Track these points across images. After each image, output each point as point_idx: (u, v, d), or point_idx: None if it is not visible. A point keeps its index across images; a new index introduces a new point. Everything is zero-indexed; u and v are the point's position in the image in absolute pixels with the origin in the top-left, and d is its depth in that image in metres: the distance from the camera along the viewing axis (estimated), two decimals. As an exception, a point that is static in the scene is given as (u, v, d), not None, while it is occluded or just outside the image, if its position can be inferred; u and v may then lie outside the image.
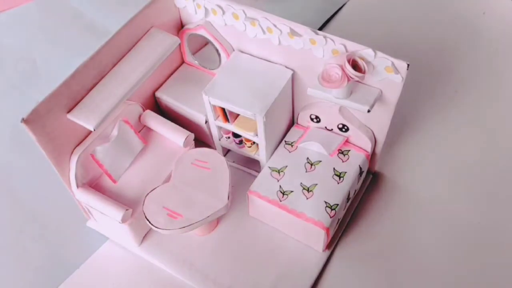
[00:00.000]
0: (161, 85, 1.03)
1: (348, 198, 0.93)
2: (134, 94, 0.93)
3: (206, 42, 0.97)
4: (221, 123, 0.95)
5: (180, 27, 0.99)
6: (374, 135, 0.94)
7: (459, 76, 1.23)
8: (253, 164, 1.05)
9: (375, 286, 0.90)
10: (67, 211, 1.01)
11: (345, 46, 0.79)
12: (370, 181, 1.04)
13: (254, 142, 0.97)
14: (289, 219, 0.89)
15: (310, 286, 0.90)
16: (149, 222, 0.85)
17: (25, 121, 0.73)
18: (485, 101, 1.17)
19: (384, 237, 0.96)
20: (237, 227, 0.97)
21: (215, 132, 1.00)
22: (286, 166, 0.94)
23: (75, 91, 0.80)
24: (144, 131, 0.99)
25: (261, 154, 0.98)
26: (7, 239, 1.00)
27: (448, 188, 1.03)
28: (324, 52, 0.82)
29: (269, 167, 0.95)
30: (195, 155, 0.94)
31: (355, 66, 0.79)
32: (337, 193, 0.90)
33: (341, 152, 0.96)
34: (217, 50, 0.96)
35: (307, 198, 0.89)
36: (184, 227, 0.84)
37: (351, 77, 0.79)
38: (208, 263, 0.93)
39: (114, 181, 0.92)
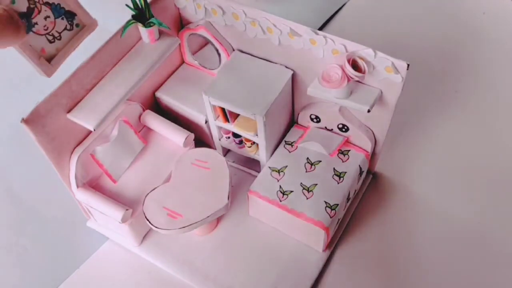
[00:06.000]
0: (161, 85, 1.03)
1: (348, 198, 0.93)
2: (134, 94, 0.93)
3: (206, 42, 0.97)
4: (221, 123, 0.95)
5: (180, 27, 0.99)
6: (374, 135, 0.94)
7: (459, 76, 1.23)
8: (253, 164, 1.05)
9: (375, 286, 0.90)
10: (67, 211, 1.01)
11: (345, 46, 0.79)
12: (370, 181, 1.04)
13: (254, 142, 0.97)
14: (289, 219, 0.89)
15: (310, 286, 0.90)
16: (149, 222, 0.85)
17: (25, 121, 0.73)
18: (485, 101, 1.17)
19: (384, 237, 0.96)
20: (237, 227, 0.97)
21: (215, 132, 1.00)
22: (286, 166, 0.94)
23: (75, 91, 0.80)
24: (144, 131, 0.99)
25: (261, 154, 0.98)
26: (7, 239, 1.00)
27: (447, 188, 1.03)
28: (324, 52, 0.82)
29: (269, 167, 0.95)
30: (195, 155, 0.94)
31: (355, 66, 0.79)
32: (337, 193, 0.90)
33: (341, 152, 0.96)
34: (217, 50, 0.96)
35: (307, 198, 0.89)
36: (184, 227, 0.84)
37: (351, 77, 0.79)
38: (208, 263, 0.93)
39: (114, 181, 0.92)
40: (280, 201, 0.90)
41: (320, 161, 0.94)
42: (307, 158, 0.95)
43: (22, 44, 0.59)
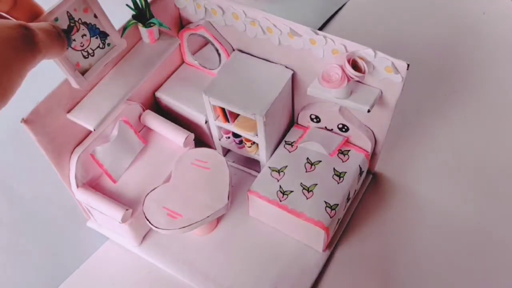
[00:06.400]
0: (161, 85, 1.03)
1: (348, 198, 0.93)
2: (134, 94, 0.93)
3: (206, 42, 0.97)
4: (221, 123, 0.95)
5: (180, 27, 0.99)
6: (374, 135, 0.94)
7: (459, 76, 1.23)
8: (253, 164, 1.05)
9: (375, 286, 0.90)
10: (67, 211, 1.01)
11: (345, 46, 0.79)
12: (370, 181, 1.04)
13: (254, 142, 0.97)
14: (289, 219, 0.90)
15: (310, 286, 0.90)
16: (149, 222, 0.85)
17: (25, 121, 0.73)
18: (485, 101, 1.17)
19: (384, 237, 0.96)
20: (237, 227, 0.97)
21: (215, 132, 1.00)
22: (286, 166, 0.94)
23: (75, 91, 0.80)
24: (144, 131, 0.99)
25: (261, 154, 0.98)
26: (7, 239, 1.00)
27: (448, 188, 1.03)
28: (324, 52, 0.82)
29: (269, 167, 0.95)
30: (195, 155, 0.94)
31: (355, 66, 0.79)
32: (337, 193, 0.90)
33: (341, 152, 0.96)
34: (217, 50, 0.96)
35: (307, 198, 0.89)
36: (184, 227, 0.84)
37: (351, 77, 0.79)
38: (208, 263, 0.93)
39: (114, 181, 0.92)
40: (280, 201, 0.90)
41: (320, 161, 0.94)
42: (307, 158, 0.95)
43: (61, 57, 0.66)
